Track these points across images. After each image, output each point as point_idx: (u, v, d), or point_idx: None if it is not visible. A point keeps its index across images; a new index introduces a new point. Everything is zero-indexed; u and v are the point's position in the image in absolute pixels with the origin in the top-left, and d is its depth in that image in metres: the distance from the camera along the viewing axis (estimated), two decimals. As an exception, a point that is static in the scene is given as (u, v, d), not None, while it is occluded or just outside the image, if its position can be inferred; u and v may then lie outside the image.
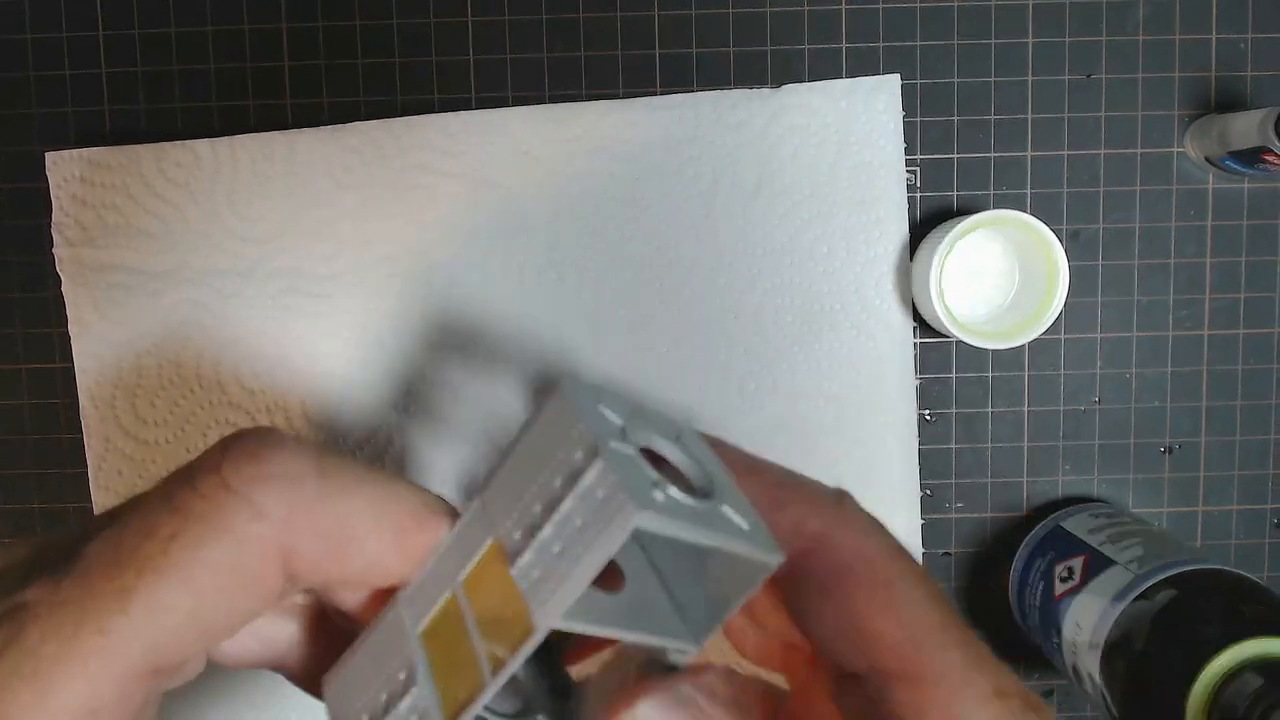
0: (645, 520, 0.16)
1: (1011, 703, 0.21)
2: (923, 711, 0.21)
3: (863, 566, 0.22)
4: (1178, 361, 0.48)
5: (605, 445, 0.17)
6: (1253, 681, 0.34)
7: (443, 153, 0.46)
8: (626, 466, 0.17)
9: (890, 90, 0.46)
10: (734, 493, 0.20)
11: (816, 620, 0.22)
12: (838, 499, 0.23)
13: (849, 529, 0.22)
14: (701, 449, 0.21)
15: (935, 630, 0.21)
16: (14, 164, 0.48)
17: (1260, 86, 0.47)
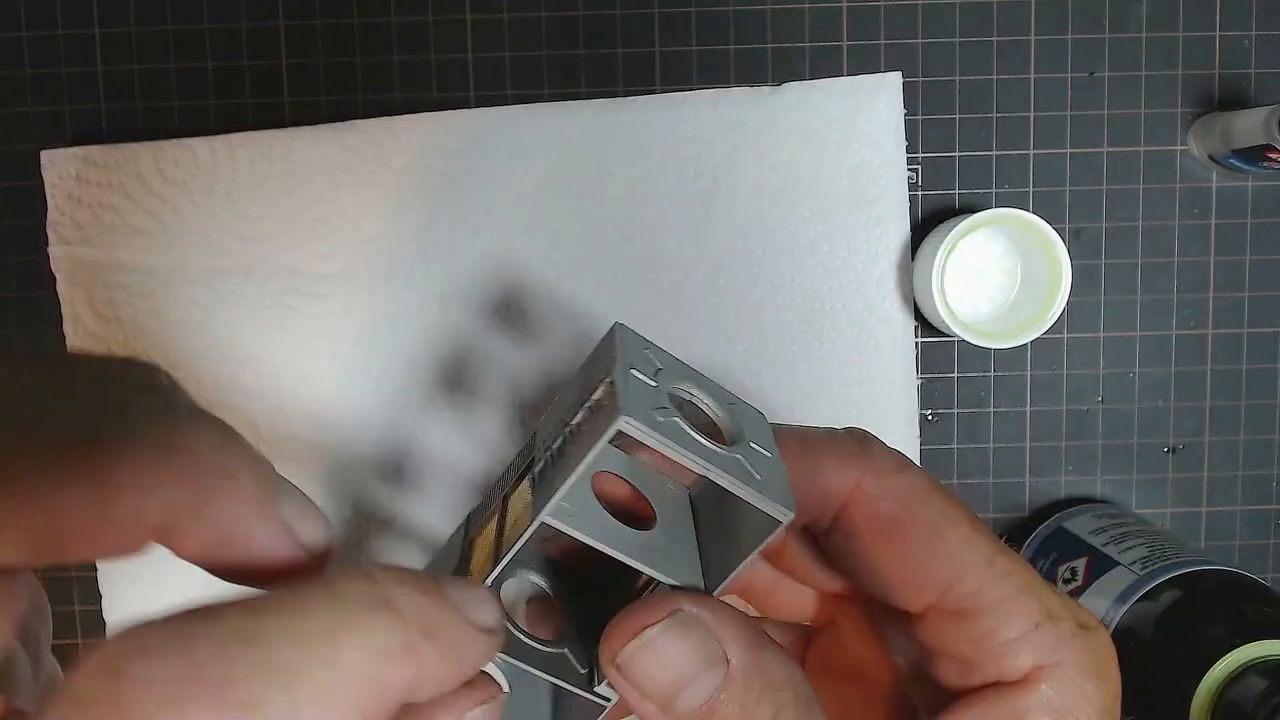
0: (629, 426, 0.18)
1: (1062, 625, 0.22)
2: (976, 640, 0.22)
3: (904, 512, 0.23)
4: (1181, 361, 0.48)
5: (625, 370, 0.19)
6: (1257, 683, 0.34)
7: (442, 152, 0.46)
8: (634, 388, 0.19)
9: (891, 88, 0.46)
10: (767, 457, 0.21)
11: (865, 569, 0.23)
12: (863, 446, 0.24)
13: (882, 476, 0.23)
14: (751, 418, 0.22)
15: (983, 565, 0.22)
16: (10, 162, 0.48)
17: (1264, 84, 0.47)
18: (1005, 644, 0.22)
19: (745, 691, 0.20)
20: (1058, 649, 0.22)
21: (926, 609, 0.22)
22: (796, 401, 0.47)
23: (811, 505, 0.23)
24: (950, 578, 0.22)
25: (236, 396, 0.47)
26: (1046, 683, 0.21)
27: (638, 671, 0.20)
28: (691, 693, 0.20)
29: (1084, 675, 0.22)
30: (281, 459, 0.47)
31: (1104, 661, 0.22)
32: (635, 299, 0.47)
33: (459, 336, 0.47)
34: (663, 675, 0.20)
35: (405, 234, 0.46)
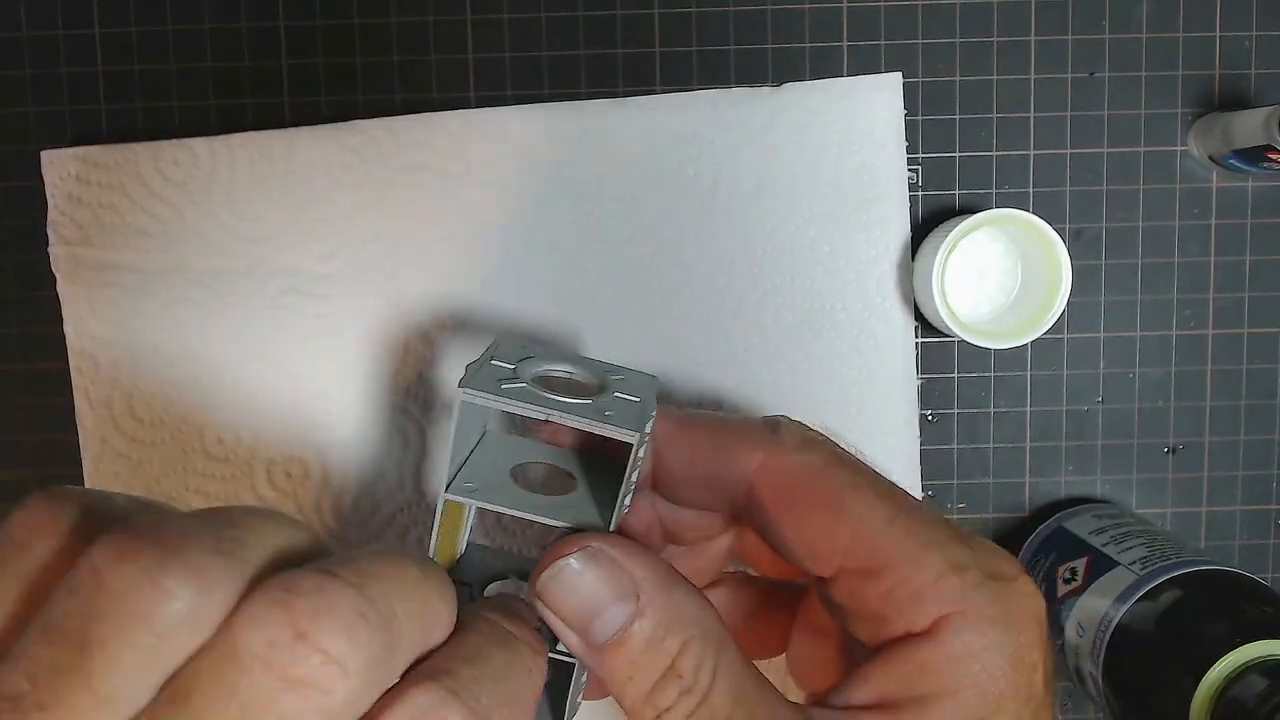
0: (467, 395, 0.22)
1: (967, 575, 0.23)
2: (883, 596, 0.23)
3: (805, 484, 0.24)
4: (1181, 361, 0.48)
5: (483, 361, 0.23)
6: (1257, 683, 0.34)
7: (442, 152, 0.46)
8: (483, 371, 0.23)
9: (892, 88, 0.46)
10: (633, 401, 0.24)
11: (780, 540, 0.25)
12: (772, 428, 0.26)
13: (787, 453, 0.25)
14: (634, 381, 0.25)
15: (884, 524, 0.23)
16: (10, 163, 0.48)
17: (1264, 84, 0.47)
18: (909, 596, 0.23)
19: (654, 623, 0.22)
20: (963, 598, 0.22)
21: (837, 571, 0.24)
22: (796, 401, 0.47)
23: (722, 480, 0.25)
24: (851, 540, 0.23)
25: (236, 396, 0.47)
26: (950, 631, 0.22)
27: (554, 599, 0.22)
28: (603, 621, 0.22)
29: (990, 623, 0.22)
30: (281, 459, 0.47)
31: (1015, 610, 0.23)
32: (635, 299, 0.47)
33: (459, 337, 0.47)
34: (576, 603, 0.22)
35: (405, 234, 0.46)
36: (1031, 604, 0.23)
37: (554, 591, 0.22)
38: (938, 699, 0.22)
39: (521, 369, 0.23)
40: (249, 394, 0.47)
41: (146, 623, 0.15)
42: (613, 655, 0.22)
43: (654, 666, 0.21)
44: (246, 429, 0.47)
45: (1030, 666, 0.22)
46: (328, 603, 0.15)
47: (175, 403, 0.47)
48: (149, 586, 0.15)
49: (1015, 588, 0.23)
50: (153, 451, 0.47)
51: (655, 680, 0.21)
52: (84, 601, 0.15)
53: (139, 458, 0.47)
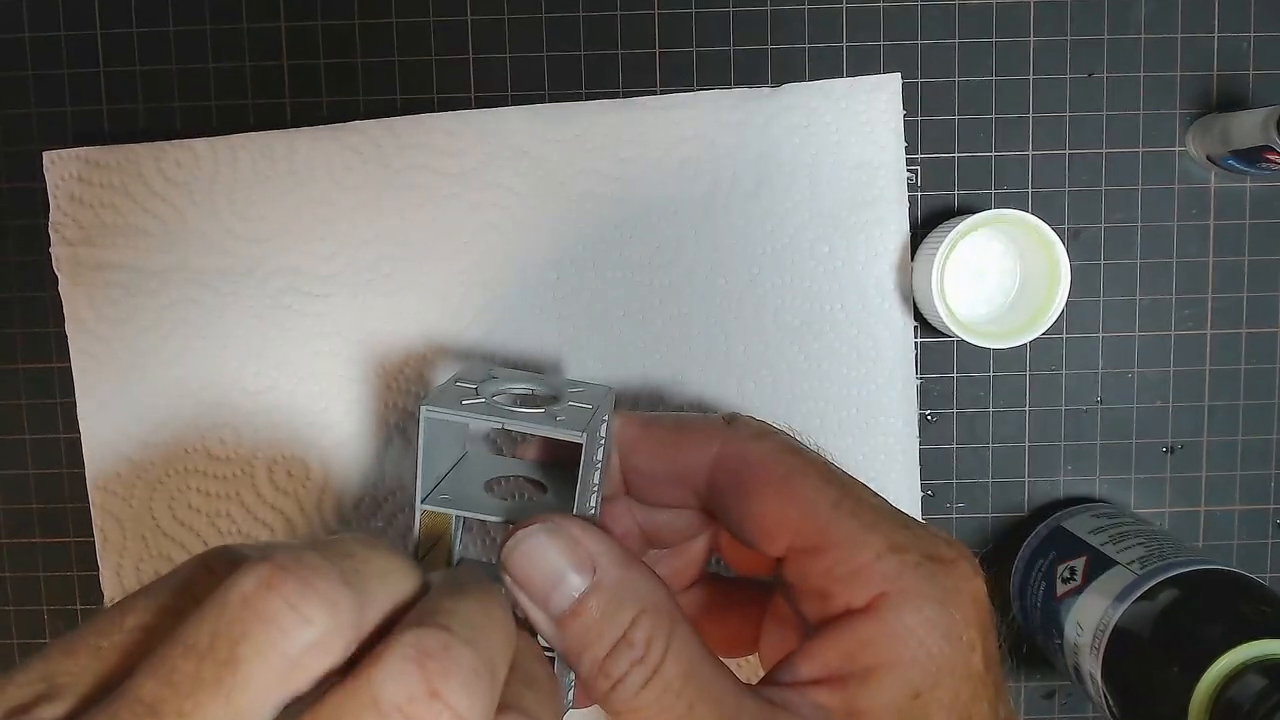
0: (433, 414, 0.24)
1: (906, 555, 0.24)
2: (826, 573, 0.25)
3: (756, 470, 0.26)
4: (1180, 361, 0.48)
5: (448, 383, 0.25)
6: (1256, 683, 0.34)
7: (442, 152, 0.46)
8: (445, 390, 0.25)
9: (891, 89, 0.46)
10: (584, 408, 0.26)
11: (737, 523, 0.27)
12: (729, 422, 0.28)
13: (740, 442, 0.27)
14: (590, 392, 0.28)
15: (828, 507, 0.25)
16: (12, 163, 0.48)
17: (1262, 85, 0.47)
18: (850, 573, 0.24)
19: (609, 596, 0.23)
20: (900, 577, 0.24)
21: (787, 551, 0.25)
22: (796, 401, 0.47)
23: (683, 472, 0.27)
24: (797, 520, 0.25)
25: (237, 396, 0.47)
26: (888, 609, 0.23)
27: (517, 566, 0.23)
28: (561, 591, 0.23)
29: (926, 601, 0.23)
30: (282, 459, 0.47)
31: (952, 590, 0.24)
32: (635, 299, 0.47)
33: (459, 337, 0.47)
34: (536, 572, 0.23)
35: (406, 234, 0.46)
36: (969, 585, 0.24)
37: (517, 560, 0.23)
38: (878, 672, 0.23)
39: (484, 388, 0.25)
40: (250, 394, 0.47)
41: (285, 646, 0.16)
42: (570, 624, 0.23)
43: (608, 636, 0.22)
44: (247, 429, 0.47)
45: (967, 645, 0.23)
46: (455, 663, 0.17)
47: (176, 402, 0.47)
48: (291, 614, 0.17)
49: (953, 569, 0.24)
50: (154, 451, 0.47)
51: (608, 649, 0.22)
52: (231, 622, 0.16)
53: (140, 457, 0.47)
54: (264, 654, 0.16)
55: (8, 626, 0.49)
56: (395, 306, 0.47)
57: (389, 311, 0.47)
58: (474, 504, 0.26)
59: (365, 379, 0.47)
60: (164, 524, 0.47)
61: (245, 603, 0.16)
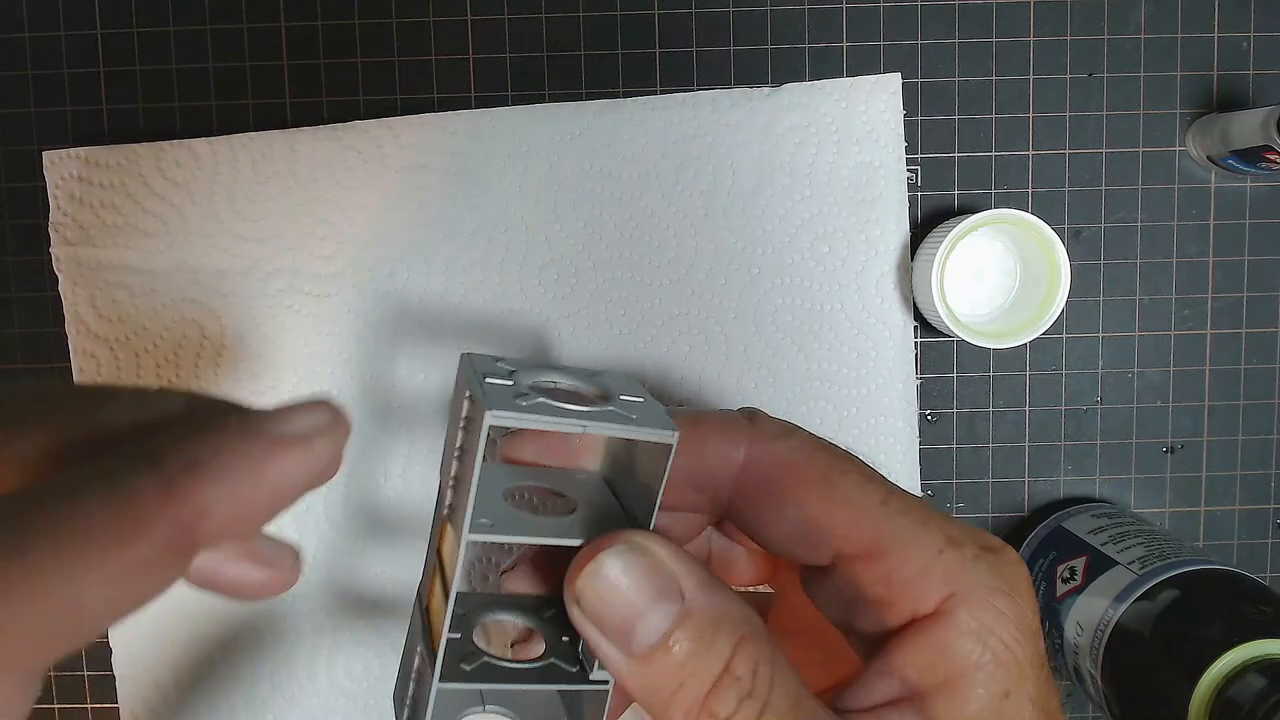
0: (497, 418, 0.19)
1: (964, 549, 0.22)
2: (886, 579, 0.22)
3: (791, 472, 0.23)
4: (1180, 361, 0.48)
5: (479, 380, 0.21)
6: (1255, 682, 0.34)
7: (442, 152, 0.46)
8: (491, 389, 0.21)
9: (891, 89, 0.46)
10: (640, 401, 0.22)
11: (769, 531, 0.24)
12: (750, 418, 0.25)
13: (768, 441, 0.24)
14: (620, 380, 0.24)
15: (876, 506, 0.23)
16: (12, 163, 0.48)
17: (1262, 85, 0.47)
18: (913, 577, 0.22)
19: (702, 625, 0.20)
20: (964, 573, 0.22)
21: (835, 559, 0.23)
22: (796, 401, 0.47)
23: (707, 477, 0.24)
24: (848, 522, 0.23)
25: (237, 396, 0.47)
26: (960, 608, 0.21)
27: (594, 602, 0.20)
28: (648, 625, 0.20)
29: (995, 594, 0.22)
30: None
31: (1012, 579, 0.22)
32: (635, 299, 0.47)
33: (460, 337, 0.47)
34: (618, 604, 0.20)
35: (406, 234, 0.46)
36: (1023, 570, 0.23)
37: (593, 592, 0.20)
38: (964, 678, 0.21)
39: (518, 382, 0.22)
40: (250, 393, 0.47)
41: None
42: (658, 663, 0.20)
43: (707, 671, 0.20)
44: (247, 428, 0.47)
45: (1035, 632, 0.22)
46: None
47: (176, 402, 0.47)
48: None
49: (1007, 556, 0.23)
50: (154, 451, 0.47)
51: (709, 686, 0.20)
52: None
53: (140, 457, 0.47)
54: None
55: (8, 626, 0.49)
56: (395, 306, 0.47)
57: (389, 311, 0.47)
58: (519, 526, 0.22)
59: (366, 378, 0.47)
60: (164, 524, 0.47)
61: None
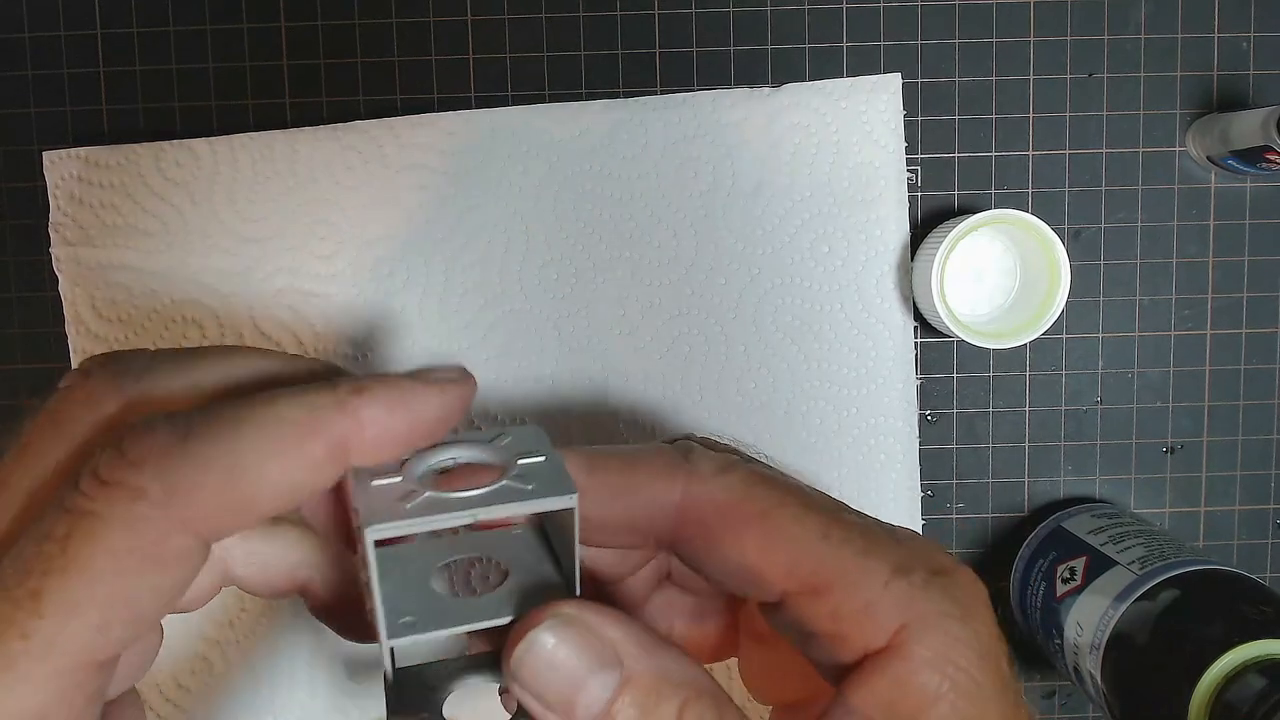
0: (379, 532, 0.19)
1: (912, 576, 0.21)
2: (833, 615, 0.21)
3: (727, 512, 0.22)
4: (1180, 361, 0.48)
5: (363, 488, 0.20)
6: (1255, 683, 0.34)
7: (443, 152, 0.46)
8: (371, 497, 0.20)
9: (891, 89, 0.46)
10: (540, 461, 0.22)
11: (715, 573, 0.23)
12: (684, 457, 0.24)
13: (701, 483, 0.23)
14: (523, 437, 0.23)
15: (817, 541, 0.22)
16: (12, 163, 0.48)
17: (1262, 85, 0.47)
18: (860, 610, 0.21)
19: (645, 690, 0.20)
20: (914, 601, 0.21)
21: (781, 595, 0.22)
22: (796, 402, 0.47)
23: (643, 523, 0.23)
24: (789, 560, 0.22)
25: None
26: (914, 640, 0.21)
27: (531, 677, 0.20)
28: (588, 695, 0.20)
29: (949, 619, 0.21)
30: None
31: (967, 600, 0.22)
32: (635, 299, 0.47)
33: (460, 337, 0.47)
34: (554, 678, 0.20)
35: (406, 235, 0.46)
36: (978, 590, 0.22)
37: (528, 669, 0.20)
38: (924, 714, 0.21)
39: (407, 475, 0.21)
40: (250, 394, 0.47)
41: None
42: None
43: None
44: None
45: (996, 656, 0.21)
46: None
47: (176, 402, 0.47)
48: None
49: (959, 578, 0.22)
50: (154, 451, 0.47)
51: None
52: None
53: (140, 457, 0.47)
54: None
55: (8, 626, 0.49)
56: (395, 306, 0.47)
57: (389, 311, 0.47)
58: (448, 616, 0.21)
59: (365, 379, 0.47)
60: (164, 524, 0.47)
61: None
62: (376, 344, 0.47)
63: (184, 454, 0.17)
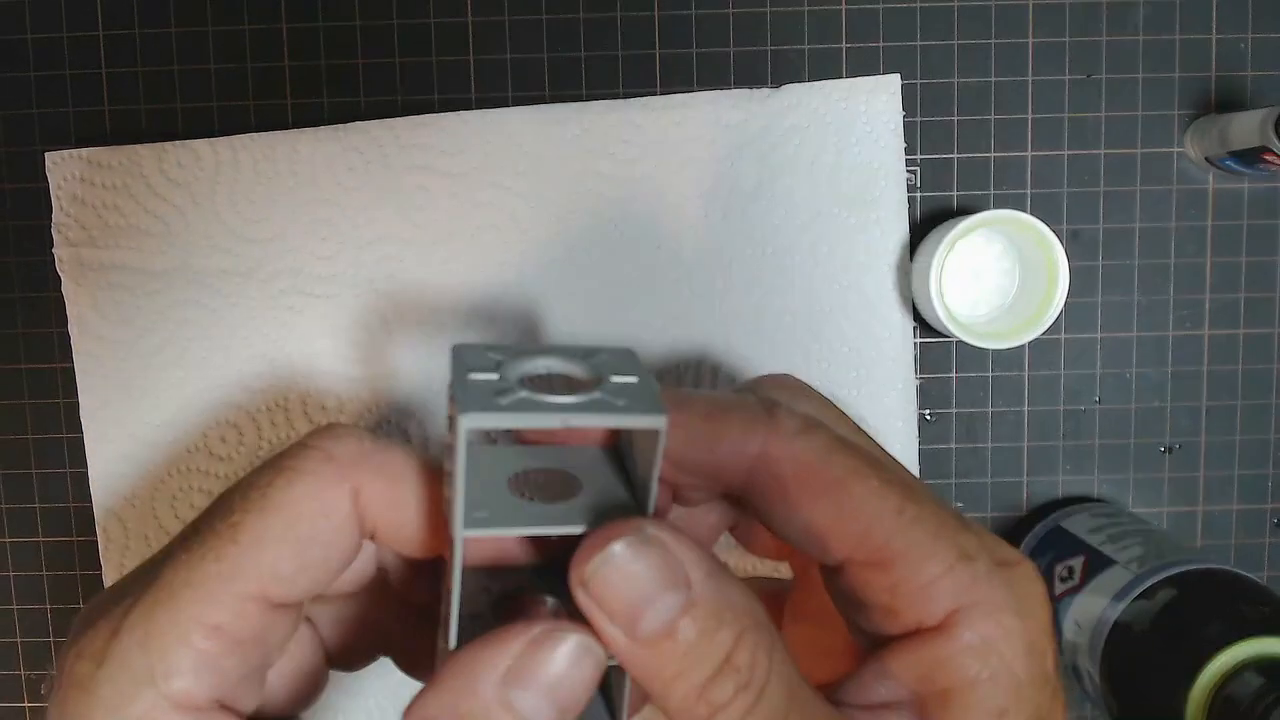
0: (473, 420, 0.19)
1: (976, 565, 0.22)
2: (892, 589, 0.22)
3: (808, 472, 0.23)
4: (1178, 361, 0.48)
5: (461, 378, 0.20)
6: (1253, 681, 0.34)
7: (443, 153, 0.46)
8: (471, 388, 0.20)
9: (890, 90, 0.46)
10: (632, 382, 0.22)
11: (780, 528, 0.24)
12: (769, 412, 0.24)
13: (784, 439, 0.23)
14: (616, 357, 0.23)
15: (891, 514, 0.22)
16: (15, 164, 0.48)
17: (1260, 86, 0.47)
18: (920, 589, 0.22)
19: (707, 614, 0.20)
20: (974, 588, 0.22)
21: (844, 561, 0.23)
22: (796, 401, 0.47)
23: (719, 470, 0.24)
24: (859, 530, 0.22)
25: (239, 396, 0.47)
26: (965, 624, 0.21)
27: (602, 588, 0.20)
28: (655, 612, 0.20)
29: (1003, 611, 0.22)
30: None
31: (1024, 596, 0.22)
32: (635, 300, 0.47)
33: (460, 337, 0.47)
34: (626, 591, 0.20)
35: (407, 235, 0.47)
36: (1038, 589, 0.23)
37: (602, 580, 0.20)
38: (960, 692, 0.21)
39: (504, 375, 0.21)
40: (252, 393, 0.47)
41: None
42: (661, 649, 0.20)
43: (707, 661, 0.20)
44: (250, 428, 0.47)
45: (1042, 652, 0.22)
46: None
47: (178, 402, 0.47)
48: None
49: (1021, 572, 0.22)
50: (156, 451, 0.47)
51: (709, 675, 0.20)
52: None
53: (143, 457, 0.47)
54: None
55: (11, 625, 0.50)
56: (397, 307, 0.47)
57: (390, 312, 0.47)
58: (519, 517, 0.22)
59: (367, 379, 0.47)
60: (166, 523, 0.47)
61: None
62: (377, 345, 0.47)
63: (374, 447, 0.21)
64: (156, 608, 0.19)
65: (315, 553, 0.21)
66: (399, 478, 0.22)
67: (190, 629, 0.19)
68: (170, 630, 0.19)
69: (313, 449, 0.21)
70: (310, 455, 0.21)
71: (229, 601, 0.20)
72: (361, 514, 0.21)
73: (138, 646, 0.19)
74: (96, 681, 0.19)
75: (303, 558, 0.20)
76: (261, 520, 0.20)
